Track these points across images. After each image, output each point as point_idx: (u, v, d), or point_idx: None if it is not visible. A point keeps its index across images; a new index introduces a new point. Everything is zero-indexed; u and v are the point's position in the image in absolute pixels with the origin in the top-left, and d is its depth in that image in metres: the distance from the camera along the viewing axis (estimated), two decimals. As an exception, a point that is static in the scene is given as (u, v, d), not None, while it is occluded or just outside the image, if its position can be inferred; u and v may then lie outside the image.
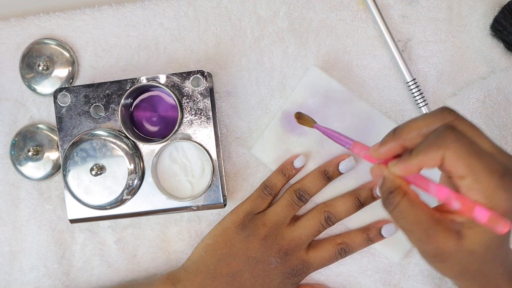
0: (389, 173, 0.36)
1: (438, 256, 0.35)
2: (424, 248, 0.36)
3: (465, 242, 0.34)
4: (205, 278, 0.47)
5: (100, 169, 0.47)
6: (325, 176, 0.47)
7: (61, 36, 0.52)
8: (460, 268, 0.36)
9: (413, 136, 0.35)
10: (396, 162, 0.36)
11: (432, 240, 0.35)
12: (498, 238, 0.34)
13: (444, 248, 0.35)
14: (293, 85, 0.50)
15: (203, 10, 0.51)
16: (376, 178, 0.37)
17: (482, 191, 0.33)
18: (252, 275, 0.47)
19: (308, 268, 0.48)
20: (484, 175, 0.33)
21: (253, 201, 0.48)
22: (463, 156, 0.33)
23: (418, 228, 0.35)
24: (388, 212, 0.36)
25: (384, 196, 0.36)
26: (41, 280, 0.52)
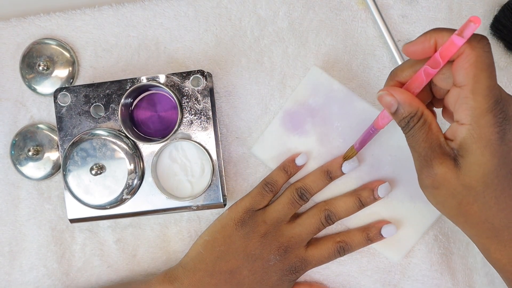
0: (406, 96, 0.36)
1: (431, 179, 0.36)
2: (423, 170, 0.36)
3: (461, 174, 0.35)
4: (203, 275, 0.47)
5: (100, 168, 0.47)
6: (327, 176, 0.47)
7: (62, 36, 0.52)
8: (456, 204, 0.36)
9: (407, 73, 0.37)
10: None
11: (429, 162, 0.36)
12: (496, 174, 0.34)
13: (439, 172, 0.35)
14: (293, 85, 0.50)
15: (203, 10, 0.51)
16: (388, 105, 0.36)
17: (473, 108, 0.33)
18: (250, 272, 0.47)
19: (307, 265, 0.48)
20: (484, 93, 0.33)
21: (253, 197, 0.48)
22: (478, 65, 0.33)
23: (421, 147, 0.36)
24: (404, 131, 0.37)
25: (404, 121, 0.36)
26: (41, 280, 0.52)
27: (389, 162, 0.48)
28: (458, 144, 0.35)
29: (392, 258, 0.49)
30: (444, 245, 0.49)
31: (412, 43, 0.36)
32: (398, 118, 0.37)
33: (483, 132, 0.34)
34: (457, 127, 0.35)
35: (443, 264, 0.49)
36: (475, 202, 0.35)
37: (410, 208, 0.48)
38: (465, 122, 0.34)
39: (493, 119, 0.33)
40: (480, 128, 0.33)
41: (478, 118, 0.33)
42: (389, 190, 0.47)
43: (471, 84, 0.33)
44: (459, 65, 0.34)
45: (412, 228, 0.48)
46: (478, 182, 0.35)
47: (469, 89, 0.33)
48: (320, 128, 0.48)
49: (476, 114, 0.33)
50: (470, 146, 0.34)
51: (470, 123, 0.34)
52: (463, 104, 0.34)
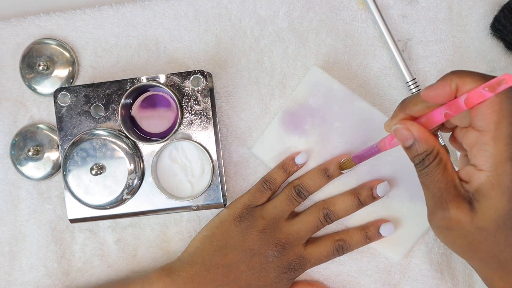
0: (423, 133, 0.35)
1: (446, 221, 0.35)
2: (437, 212, 0.36)
3: (476, 217, 0.34)
4: (201, 269, 0.47)
5: (100, 168, 0.47)
6: (325, 175, 0.47)
7: (61, 36, 0.52)
8: (467, 243, 0.36)
9: (419, 108, 0.36)
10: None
11: (444, 205, 0.35)
12: (509, 216, 0.34)
13: (454, 215, 0.35)
14: (293, 85, 0.50)
15: (203, 10, 0.51)
16: (403, 140, 0.36)
17: (493, 155, 0.33)
18: (248, 267, 0.47)
19: (305, 264, 0.48)
20: (505, 141, 0.32)
21: (252, 194, 0.48)
22: (501, 112, 0.32)
23: (436, 188, 0.35)
24: (417, 169, 0.36)
25: (419, 158, 0.35)
26: (41, 280, 0.52)
27: (389, 162, 0.48)
28: (475, 188, 0.34)
29: (392, 258, 0.49)
30: (444, 245, 0.49)
31: (432, 88, 0.34)
32: (412, 154, 0.36)
33: (502, 180, 0.33)
34: (474, 172, 0.34)
35: (443, 264, 0.49)
36: (485, 241, 0.35)
37: (410, 208, 0.48)
38: (484, 168, 0.33)
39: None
40: (500, 175, 0.33)
41: (498, 166, 0.33)
42: (388, 190, 0.47)
43: (493, 131, 0.33)
44: (481, 110, 0.33)
45: (412, 228, 0.48)
46: (491, 224, 0.34)
47: (490, 136, 0.33)
48: (320, 128, 0.48)
49: (496, 162, 0.33)
50: (487, 192, 0.34)
51: (490, 170, 0.33)
52: (483, 151, 0.33)
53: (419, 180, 0.37)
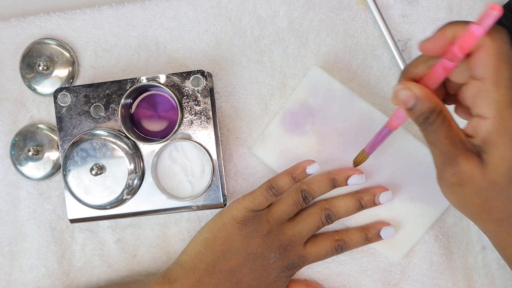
0: (425, 91, 0.34)
1: (457, 177, 0.34)
2: (445, 168, 0.35)
3: (487, 170, 0.34)
4: (204, 275, 0.46)
5: (100, 169, 0.47)
6: (332, 184, 0.47)
7: (61, 36, 0.52)
8: (481, 201, 0.35)
9: (421, 69, 0.35)
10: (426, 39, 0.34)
11: (454, 160, 0.34)
12: None
13: (464, 169, 0.34)
14: (293, 85, 0.50)
15: (203, 10, 0.51)
16: (405, 101, 0.34)
17: (496, 101, 0.32)
18: (250, 270, 0.47)
19: (304, 262, 0.48)
20: (506, 85, 0.32)
21: (256, 199, 0.46)
22: (500, 57, 0.32)
23: (443, 144, 0.34)
24: (423, 130, 0.35)
25: (423, 117, 0.34)
26: (41, 280, 0.52)
27: (390, 162, 0.48)
28: (482, 139, 0.33)
29: (392, 258, 0.49)
30: (444, 245, 0.49)
31: (429, 40, 0.34)
32: (415, 114, 0.35)
33: (508, 125, 0.32)
34: (479, 122, 0.33)
35: (443, 264, 0.49)
36: (498, 198, 0.34)
37: (410, 208, 0.48)
38: (488, 115, 0.33)
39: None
40: (505, 121, 0.32)
41: (503, 111, 0.32)
42: (391, 198, 0.47)
43: (493, 76, 0.32)
44: (479, 57, 0.32)
45: (412, 229, 0.48)
46: (503, 177, 0.33)
47: (491, 82, 0.32)
48: (320, 128, 0.48)
49: (500, 107, 0.32)
50: (495, 141, 0.33)
51: (494, 117, 0.32)
52: (485, 98, 0.32)
53: (425, 141, 0.36)
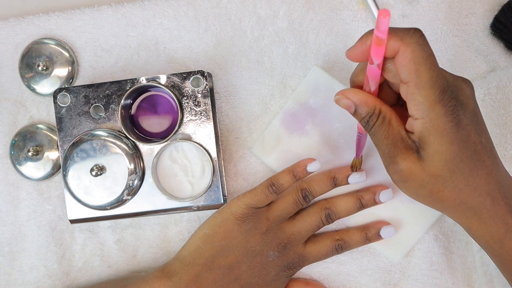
0: (362, 97, 0.37)
1: (399, 174, 0.37)
2: (389, 167, 0.37)
3: (425, 164, 0.36)
4: (202, 270, 0.47)
5: (100, 169, 0.47)
6: (332, 183, 0.47)
7: (61, 36, 0.52)
8: (428, 192, 0.37)
9: (361, 77, 0.38)
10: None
11: (393, 159, 0.37)
12: (459, 158, 0.35)
13: (403, 166, 0.36)
14: (293, 85, 0.50)
15: (203, 10, 0.51)
16: (347, 107, 0.37)
17: (421, 102, 0.34)
18: (249, 267, 0.47)
19: (304, 261, 0.48)
20: (428, 85, 0.34)
21: (256, 196, 0.47)
22: (416, 60, 0.33)
23: (384, 144, 0.37)
24: (365, 130, 0.38)
25: (364, 120, 0.37)
26: (41, 280, 0.52)
27: (390, 162, 0.48)
28: (418, 137, 0.36)
29: (392, 258, 0.49)
30: (444, 244, 0.49)
31: (351, 48, 0.36)
32: (358, 118, 0.37)
33: (436, 124, 0.34)
34: (413, 122, 0.36)
35: (443, 264, 0.49)
36: (445, 188, 0.37)
37: (410, 208, 0.48)
38: (417, 116, 0.35)
39: (443, 109, 0.34)
40: (432, 120, 0.34)
41: (428, 112, 0.34)
42: (391, 197, 0.47)
43: (414, 79, 0.34)
44: (399, 62, 0.34)
45: (412, 228, 0.48)
46: (443, 170, 0.36)
47: (413, 85, 0.34)
48: (321, 128, 0.48)
49: (425, 108, 0.34)
50: (427, 139, 0.35)
51: (422, 117, 0.34)
52: (412, 100, 0.35)
53: None
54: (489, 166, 0.37)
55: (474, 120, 0.36)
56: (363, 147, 0.44)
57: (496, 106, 0.48)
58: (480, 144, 0.36)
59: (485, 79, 0.49)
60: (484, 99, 0.48)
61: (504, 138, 0.48)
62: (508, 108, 0.48)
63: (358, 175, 0.47)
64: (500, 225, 0.37)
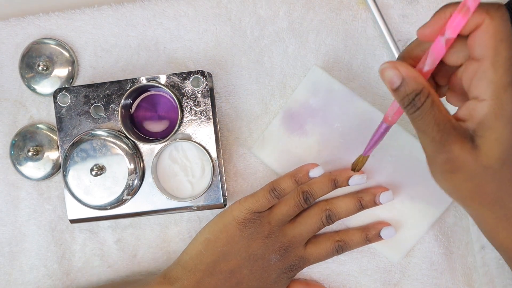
0: (412, 72, 0.33)
1: (449, 164, 0.34)
2: (437, 155, 0.34)
3: (480, 154, 0.33)
4: (204, 275, 0.46)
5: (100, 169, 0.47)
6: (333, 185, 0.47)
7: (61, 36, 0.52)
8: (473, 186, 0.34)
9: (418, 52, 0.35)
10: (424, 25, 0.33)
11: (445, 147, 0.33)
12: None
13: (457, 155, 0.33)
14: (293, 85, 0.50)
15: (203, 10, 0.51)
16: (390, 80, 0.33)
17: (494, 82, 0.31)
18: (250, 271, 0.47)
19: (305, 263, 0.48)
20: (505, 65, 0.31)
21: (258, 201, 0.46)
22: (498, 36, 0.31)
23: (435, 130, 0.33)
24: (409, 115, 0.34)
25: (408, 99, 0.33)
26: (41, 280, 0.52)
27: (390, 162, 0.48)
28: (477, 122, 0.32)
29: (392, 258, 0.49)
30: (444, 244, 0.49)
31: (427, 25, 0.33)
32: (400, 96, 0.33)
33: (506, 107, 0.32)
34: (476, 104, 0.32)
35: (443, 264, 0.49)
36: (492, 182, 0.34)
37: (411, 208, 0.48)
38: (485, 97, 0.32)
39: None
40: (503, 104, 0.31)
41: (500, 93, 0.31)
42: (391, 198, 0.47)
43: (491, 56, 0.31)
44: (477, 36, 0.31)
45: (412, 229, 0.48)
46: (496, 160, 0.33)
47: (489, 62, 0.31)
48: (321, 128, 0.48)
49: (497, 89, 0.31)
50: (492, 123, 0.32)
51: (492, 98, 0.32)
52: (483, 79, 0.32)
53: (414, 129, 0.35)
54: None
55: None
56: (379, 143, 0.42)
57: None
58: None
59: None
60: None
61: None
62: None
63: (359, 177, 0.47)
64: None
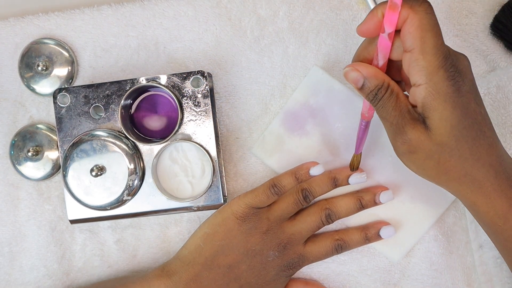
0: (371, 70, 0.37)
1: (406, 145, 0.37)
2: (397, 138, 0.38)
3: (432, 133, 0.36)
4: (202, 269, 0.47)
5: (100, 170, 0.47)
6: (333, 183, 0.47)
7: (60, 36, 0.52)
8: (435, 163, 0.38)
9: (369, 51, 0.39)
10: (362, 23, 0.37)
11: (401, 129, 0.37)
12: (462, 125, 0.36)
13: (411, 137, 0.37)
14: (293, 85, 0.50)
15: (202, 10, 0.50)
16: (355, 81, 0.38)
17: (425, 67, 0.35)
18: (249, 267, 0.47)
19: (304, 261, 0.48)
20: (432, 51, 0.35)
21: (258, 196, 0.46)
22: (423, 27, 0.35)
23: (392, 116, 0.37)
24: (374, 106, 0.38)
25: (372, 94, 0.38)
26: (41, 280, 0.52)
27: (390, 162, 0.48)
28: (421, 105, 0.36)
29: (392, 258, 0.49)
30: (444, 244, 0.49)
31: (362, 23, 0.37)
32: (365, 92, 0.38)
33: (439, 88, 0.35)
34: (415, 90, 0.36)
35: (443, 264, 0.49)
36: (451, 158, 0.37)
37: (411, 208, 0.48)
38: (421, 82, 0.35)
39: (446, 73, 0.35)
40: (436, 84, 0.35)
41: (432, 75, 0.35)
42: (391, 198, 0.47)
43: (419, 45, 0.35)
44: (405, 30, 0.35)
45: (412, 228, 0.48)
46: (448, 137, 0.36)
47: (418, 51, 0.35)
48: (321, 128, 0.48)
49: (429, 72, 0.35)
50: (431, 104, 0.36)
51: (426, 82, 0.35)
52: (415, 66, 0.35)
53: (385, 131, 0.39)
54: (489, 138, 0.38)
55: (473, 89, 0.37)
56: (365, 140, 0.44)
57: (496, 105, 0.48)
58: (480, 115, 0.37)
59: (485, 79, 0.48)
60: (484, 99, 0.48)
61: (504, 138, 0.48)
62: (508, 108, 0.48)
63: (359, 176, 0.47)
64: (503, 199, 0.38)
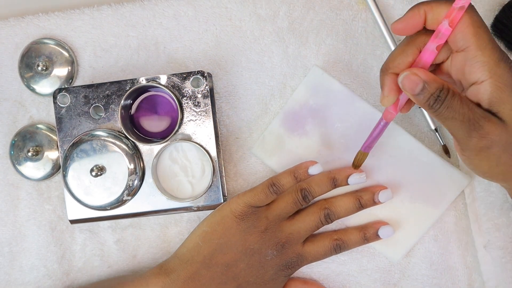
0: (429, 74, 0.36)
1: (484, 139, 0.36)
2: (470, 135, 0.36)
3: (507, 125, 0.36)
4: (200, 267, 0.46)
5: (100, 170, 0.47)
6: (332, 183, 0.47)
7: (60, 36, 0.52)
8: (510, 158, 0.37)
9: (400, 61, 0.39)
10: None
11: (477, 124, 0.36)
12: None
13: (489, 129, 0.36)
14: (293, 85, 0.50)
15: (203, 10, 0.50)
16: (412, 85, 0.37)
17: (486, 62, 0.35)
18: (247, 265, 0.47)
19: (302, 261, 0.48)
20: (490, 45, 0.35)
21: (257, 195, 0.46)
22: (475, 24, 0.35)
23: (464, 112, 0.36)
24: (435, 111, 0.37)
25: (434, 97, 0.36)
26: (41, 280, 0.52)
27: (390, 162, 0.48)
28: (487, 102, 0.36)
29: (392, 258, 0.49)
30: (444, 244, 0.49)
31: (401, 20, 0.37)
32: (424, 98, 0.37)
33: (505, 80, 0.35)
34: (479, 87, 0.36)
35: (443, 264, 0.49)
36: None
37: (410, 208, 0.48)
38: (484, 78, 0.35)
39: (507, 65, 0.35)
40: (500, 77, 0.35)
41: (494, 69, 0.35)
42: (390, 197, 0.47)
43: (475, 42, 0.35)
44: (458, 31, 0.35)
45: (412, 228, 0.48)
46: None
47: (475, 47, 0.35)
48: (321, 128, 0.48)
49: (491, 67, 0.35)
50: (500, 97, 0.35)
51: (490, 77, 0.35)
52: (475, 63, 0.35)
53: (441, 122, 0.37)
54: None
55: None
56: (377, 140, 0.43)
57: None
58: None
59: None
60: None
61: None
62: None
63: (358, 176, 0.47)
64: None
